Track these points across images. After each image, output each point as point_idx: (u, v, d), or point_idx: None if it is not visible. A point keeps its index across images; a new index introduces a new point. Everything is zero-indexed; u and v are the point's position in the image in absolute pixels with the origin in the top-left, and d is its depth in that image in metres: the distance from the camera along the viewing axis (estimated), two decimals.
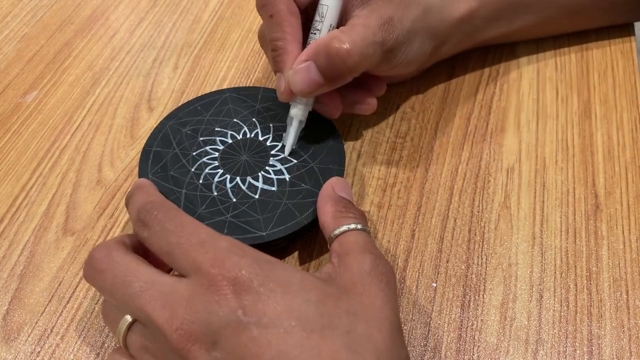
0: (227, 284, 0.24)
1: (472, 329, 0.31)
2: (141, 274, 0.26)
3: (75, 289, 0.33)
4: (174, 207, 0.28)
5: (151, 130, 0.42)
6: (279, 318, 0.23)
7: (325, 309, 0.24)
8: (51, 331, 0.31)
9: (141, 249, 0.30)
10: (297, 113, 0.35)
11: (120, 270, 0.26)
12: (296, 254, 0.34)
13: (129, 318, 0.26)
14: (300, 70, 0.33)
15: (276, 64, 0.35)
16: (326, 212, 0.31)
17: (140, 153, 0.36)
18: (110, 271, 0.27)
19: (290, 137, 0.35)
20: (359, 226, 0.29)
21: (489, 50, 0.46)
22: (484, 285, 0.33)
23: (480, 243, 0.34)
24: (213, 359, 0.23)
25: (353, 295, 0.26)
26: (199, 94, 0.44)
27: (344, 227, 0.29)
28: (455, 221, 0.35)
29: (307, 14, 0.36)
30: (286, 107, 0.36)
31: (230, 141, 0.36)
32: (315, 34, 0.35)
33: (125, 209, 0.37)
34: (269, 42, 0.35)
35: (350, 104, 0.38)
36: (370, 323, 0.25)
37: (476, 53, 0.45)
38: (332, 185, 0.32)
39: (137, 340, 0.26)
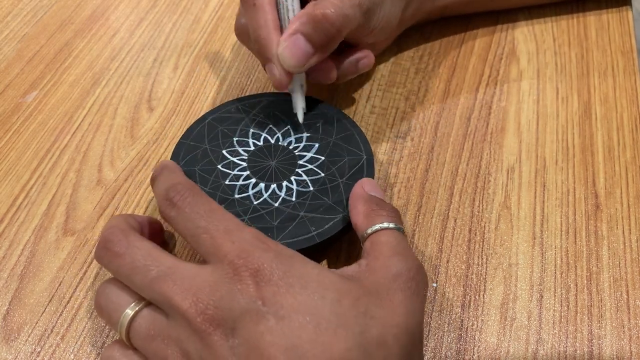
0: (249, 275, 0.25)
1: (472, 329, 0.31)
2: (162, 258, 0.27)
3: (76, 289, 0.33)
4: (202, 192, 0.29)
5: (151, 130, 0.42)
6: (296, 312, 0.24)
7: (340, 309, 0.24)
8: (51, 331, 0.31)
9: (141, 231, 0.30)
10: (296, 78, 0.36)
11: (140, 254, 0.27)
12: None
13: (130, 311, 0.26)
14: (289, 45, 0.34)
15: (263, 54, 0.35)
16: (358, 211, 0.30)
17: (173, 147, 0.36)
18: (130, 255, 0.27)
19: (299, 103, 0.36)
20: (392, 225, 0.29)
21: (489, 50, 0.46)
22: (484, 285, 0.33)
23: (481, 243, 0.34)
24: (230, 345, 0.24)
25: (374, 298, 0.25)
26: (200, 95, 0.44)
27: (377, 226, 0.29)
28: (455, 221, 0.35)
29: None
30: (326, 116, 0.37)
31: (261, 144, 0.36)
32: (286, 17, 0.35)
33: (126, 208, 0.37)
34: (252, 32, 0.36)
35: (352, 64, 0.38)
36: (386, 329, 0.24)
37: (476, 53, 0.46)
38: (362, 186, 0.32)
39: (144, 329, 0.26)
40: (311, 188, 0.33)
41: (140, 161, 0.39)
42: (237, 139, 0.36)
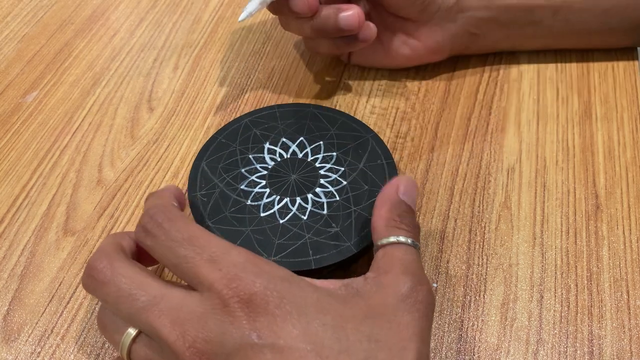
0: (241, 306, 0.23)
1: (472, 329, 0.31)
2: (148, 286, 0.25)
3: (76, 289, 0.33)
4: (179, 215, 0.27)
5: (151, 130, 0.42)
6: (294, 342, 0.23)
7: (343, 333, 0.23)
8: (51, 332, 0.31)
9: (139, 248, 0.29)
10: None
11: (125, 282, 0.25)
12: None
13: (132, 331, 0.25)
14: None
15: None
16: (381, 216, 0.29)
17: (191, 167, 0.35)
18: (114, 284, 0.25)
19: (251, 6, 0.35)
20: (410, 241, 0.28)
21: None
22: (485, 286, 0.33)
23: (481, 243, 0.34)
24: None
25: (380, 320, 0.24)
26: (200, 95, 0.44)
27: (393, 239, 0.27)
28: (455, 221, 0.35)
29: None
30: (361, 139, 0.36)
31: (279, 159, 0.35)
32: None
33: (126, 208, 0.37)
34: None
35: (331, 16, 0.36)
36: (393, 352, 0.23)
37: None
38: (397, 186, 0.29)
39: (143, 352, 0.25)
40: (325, 211, 0.33)
41: (141, 161, 0.39)
42: (268, 146, 0.36)
